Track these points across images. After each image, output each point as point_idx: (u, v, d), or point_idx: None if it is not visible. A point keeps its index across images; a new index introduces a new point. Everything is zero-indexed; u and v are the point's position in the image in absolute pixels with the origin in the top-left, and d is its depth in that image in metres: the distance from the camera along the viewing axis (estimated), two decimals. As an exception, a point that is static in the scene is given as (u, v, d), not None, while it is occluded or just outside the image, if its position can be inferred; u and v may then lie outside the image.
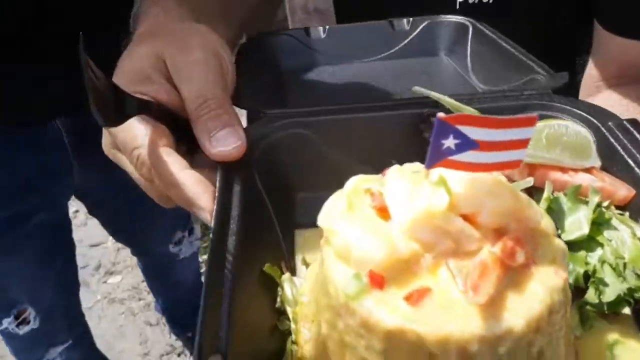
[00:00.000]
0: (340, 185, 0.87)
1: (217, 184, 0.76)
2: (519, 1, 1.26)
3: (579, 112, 0.86)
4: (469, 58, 1.32)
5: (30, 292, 1.72)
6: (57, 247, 1.78)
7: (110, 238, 3.32)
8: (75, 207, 3.40)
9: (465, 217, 0.57)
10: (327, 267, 0.60)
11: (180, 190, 0.75)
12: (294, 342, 0.68)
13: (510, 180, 0.77)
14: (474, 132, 0.52)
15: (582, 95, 1.15)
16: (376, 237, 0.56)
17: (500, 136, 0.52)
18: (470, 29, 1.32)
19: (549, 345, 0.55)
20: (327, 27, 1.45)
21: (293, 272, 0.80)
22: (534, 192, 0.76)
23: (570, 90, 1.18)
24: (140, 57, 0.81)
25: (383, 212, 0.60)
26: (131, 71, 0.81)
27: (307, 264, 0.81)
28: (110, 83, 0.72)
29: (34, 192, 1.60)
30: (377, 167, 0.88)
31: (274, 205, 0.83)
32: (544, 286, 0.53)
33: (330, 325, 0.61)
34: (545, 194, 0.73)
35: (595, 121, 0.84)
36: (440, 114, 0.51)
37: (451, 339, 0.50)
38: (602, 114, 0.85)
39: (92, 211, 2.07)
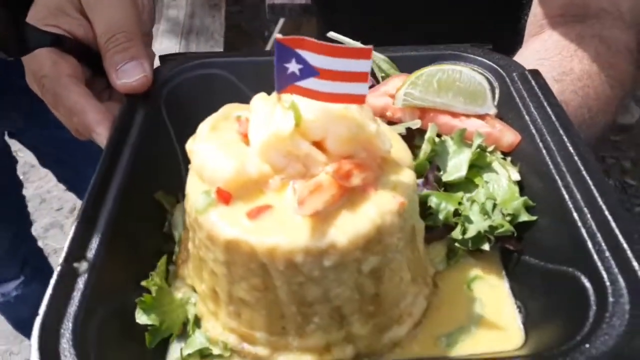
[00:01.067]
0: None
1: (118, 112, 0.79)
2: None
3: (489, 62, 0.87)
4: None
5: None
6: None
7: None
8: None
9: (316, 144, 0.59)
10: (188, 185, 0.63)
11: (80, 117, 0.78)
12: (172, 262, 0.72)
13: (400, 121, 0.80)
14: (313, 59, 0.54)
15: (527, 35, 1.14)
16: (229, 157, 0.59)
17: (338, 65, 0.54)
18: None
19: (386, 266, 0.58)
20: None
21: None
22: (418, 135, 0.78)
23: (515, 33, 1.18)
24: None
25: (247, 137, 0.63)
26: (46, 6, 0.83)
27: (207, 195, 0.84)
28: (11, 17, 0.75)
29: None
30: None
31: (179, 139, 0.85)
32: (376, 208, 0.56)
33: (192, 240, 0.64)
34: (428, 135, 0.75)
35: (501, 71, 0.85)
36: (278, 36, 0.53)
37: (278, 250, 0.54)
38: (509, 65, 0.86)
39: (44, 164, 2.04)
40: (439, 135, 0.78)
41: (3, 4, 0.74)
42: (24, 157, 2.33)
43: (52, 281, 0.58)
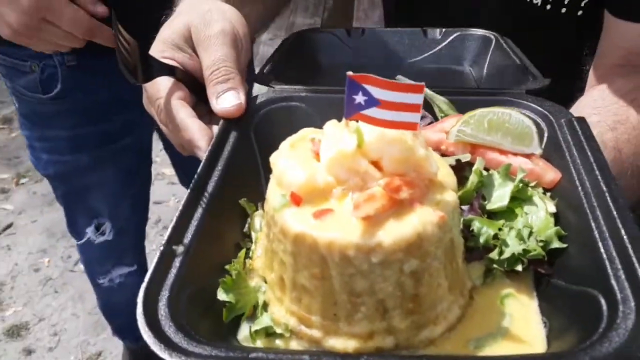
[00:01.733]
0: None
1: (216, 133, 0.97)
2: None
3: (540, 108, 0.97)
4: (485, 67, 1.45)
5: (110, 206, 1.99)
6: (137, 172, 2.06)
7: (172, 198, 3.68)
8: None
9: (373, 163, 0.72)
10: (268, 189, 0.77)
11: (185, 133, 0.96)
12: (249, 257, 0.86)
13: (453, 154, 0.91)
14: (376, 92, 0.67)
15: (588, 85, 1.20)
16: (303, 169, 0.73)
17: (395, 97, 0.67)
18: (493, 42, 1.45)
19: (425, 271, 0.69)
20: (365, 28, 1.63)
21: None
22: (468, 168, 0.88)
23: (574, 88, 1.25)
24: (174, 29, 1.04)
25: (319, 156, 0.77)
26: (166, 40, 1.04)
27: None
28: (138, 47, 0.95)
29: (118, 114, 1.83)
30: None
31: (263, 159, 1.01)
32: (419, 218, 0.67)
33: (267, 236, 0.78)
34: (475, 167, 0.86)
35: (551, 117, 0.95)
36: (349, 73, 0.67)
37: (335, 243, 0.66)
38: (559, 112, 0.96)
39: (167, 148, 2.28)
40: (486, 169, 0.88)
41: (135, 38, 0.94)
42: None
43: (156, 258, 0.73)
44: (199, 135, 0.95)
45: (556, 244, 0.77)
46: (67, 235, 2.69)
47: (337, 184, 0.72)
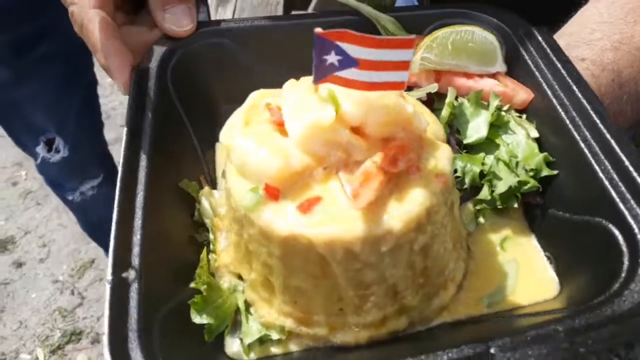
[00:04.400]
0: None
1: (129, 98, 0.77)
2: None
3: (494, 20, 0.87)
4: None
5: (54, 119, 1.78)
6: (74, 78, 1.80)
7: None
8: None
9: (354, 130, 0.59)
10: (228, 181, 0.63)
11: (101, 57, 0.77)
12: (211, 252, 0.73)
13: (417, 85, 0.80)
14: (354, 50, 0.53)
15: None
16: (271, 151, 0.59)
17: (379, 56, 0.53)
18: None
19: (434, 241, 0.61)
20: None
21: (214, 186, 0.84)
22: (436, 98, 0.79)
23: None
24: None
25: (281, 126, 0.63)
26: None
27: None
28: None
29: (27, 20, 1.57)
30: (297, 76, 0.90)
31: (191, 120, 0.84)
32: (424, 190, 0.58)
33: (238, 235, 0.65)
34: (448, 99, 0.76)
35: (507, 29, 0.86)
36: (318, 29, 0.52)
37: (337, 241, 0.55)
38: (514, 22, 0.86)
39: None
40: (455, 98, 0.79)
41: None
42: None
43: (107, 294, 0.58)
44: (117, 64, 0.76)
45: (546, 172, 0.72)
46: None
47: (316, 163, 0.59)
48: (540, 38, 0.82)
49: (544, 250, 0.72)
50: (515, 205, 0.72)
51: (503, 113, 0.77)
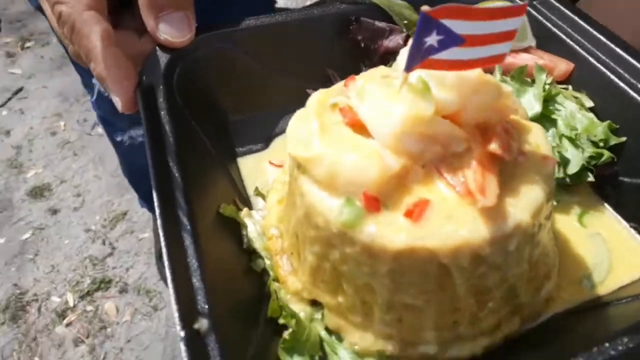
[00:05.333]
0: (272, 103, 0.79)
1: (143, 121, 0.66)
2: None
3: None
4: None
5: None
6: None
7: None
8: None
9: (448, 118, 0.53)
10: (309, 198, 0.54)
11: (98, 66, 0.65)
12: (274, 280, 0.64)
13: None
14: (460, 26, 0.47)
15: None
16: (362, 156, 0.51)
17: (488, 28, 0.47)
18: None
19: (542, 230, 0.56)
20: None
21: (248, 205, 0.74)
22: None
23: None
24: None
25: (358, 127, 0.55)
26: None
27: (261, 195, 0.75)
28: None
29: None
30: (309, 78, 0.82)
31: (209, 136, 0.74)
32: (539, 174, 0.52)
33: (320, 257, 0.56)
34: (497, 77, 0.71)
35: (519, 1, 0.83)
36: (425, 7, 0.45)
37: (464, 248, 0.48)
38: None
39: None
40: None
41: None
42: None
43: (185, 351, 0.48)
44: (119, 77, 0.65)
45: (614, 140, 0.69)
46: (80, 99, 2.94)
47: (413, 162, 0.52)
48: (559, 5, 0.79)
49: (627, 222, 0.69)
50: (592, 179, 0.68)
51: (549, 87, 0.73)
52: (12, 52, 3.67)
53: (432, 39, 0.47)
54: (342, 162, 0.51)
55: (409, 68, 0.49)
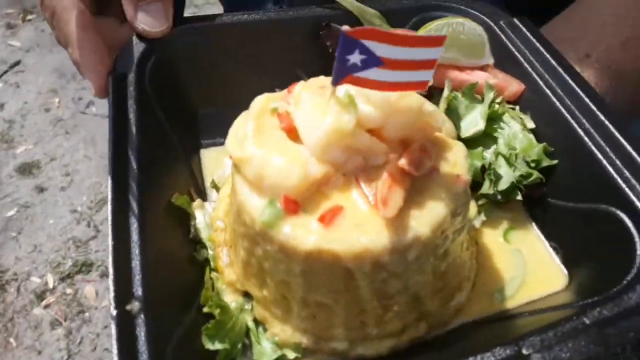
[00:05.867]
0: (242, 98, 0.83)
1: (110, 107, 0.70)
2: None
3: (472, 11, 0.86)
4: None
5: None
6: None
7: None
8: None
9: (372, 132, 0.57)
10: (240, 196, 0.58)
11: (75, 52, 0.70)
12: (213, 269, 0.68)
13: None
14: (379, 49, 0.50)
15: None
16: (288, 161, 0.55)
17: (406, 55, 0.51)
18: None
19: (452, 244, 0.60)
20: None
21: (203, 196, 0.79)
22: (433, 91, 0.77)
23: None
24: None
25: (293, 133, 0.58)
26: None
27: (217, 187, 0.79)
28: None
29: None
30: (279, 77, 0.85)
31: (173, 127, 0.78)
32: (447, 192, 0.56)
33: (248, 252, 0.61)
34: (445, 93, 0.75)
35: (487, 20, 0.85)
36: (346, 27, 0.48)
37: (366, 255, 0.52)
38: (494, 13, 0.86)
39: None
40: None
41: None
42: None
43: (113, 328, 0.53)
44: (91, 61, 0.71)
45: (546, 162, 0.72)
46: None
47: (334, 170, 0.56)
48: (523, 28, 0.82)
49: (549, 241, 0.72)
50: (520, 198, 0.72)
51: (497, 105, 0.77)
52: (13, 23, 3.62)
53: (355, 58, 0.51)
54: (269, 165, 0.55)
55: (335, 82, 0.53)
